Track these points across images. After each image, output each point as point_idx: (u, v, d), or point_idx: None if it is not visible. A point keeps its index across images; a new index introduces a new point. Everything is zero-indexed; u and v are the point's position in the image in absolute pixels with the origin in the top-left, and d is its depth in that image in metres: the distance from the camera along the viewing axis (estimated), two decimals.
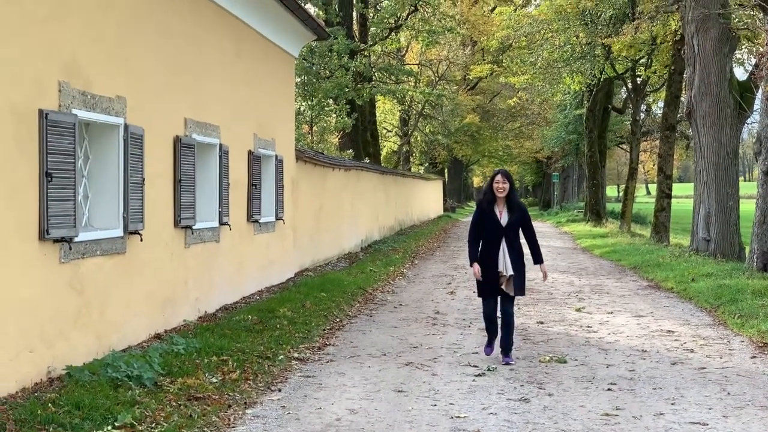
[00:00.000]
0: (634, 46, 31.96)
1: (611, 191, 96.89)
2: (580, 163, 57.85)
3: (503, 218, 9.89)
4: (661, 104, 39.10)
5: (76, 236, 8.50)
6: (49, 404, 6.97)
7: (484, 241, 9.96)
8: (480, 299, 10.32)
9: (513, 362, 9.73)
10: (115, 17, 9.50)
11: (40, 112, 7.91)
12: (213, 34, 12.76)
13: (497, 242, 9.82)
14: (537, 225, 48.06)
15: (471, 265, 10.06)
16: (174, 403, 7.53)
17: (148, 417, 7.04)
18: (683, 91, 29.30)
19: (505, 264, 9.79)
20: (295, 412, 7.65)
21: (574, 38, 35.70)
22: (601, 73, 38.15)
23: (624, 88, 43.93)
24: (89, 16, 8.90)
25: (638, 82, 38.81)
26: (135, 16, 10.02)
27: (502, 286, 9.88)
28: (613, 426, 7.27)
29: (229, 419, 7.36)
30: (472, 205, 79.91)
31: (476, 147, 66.41)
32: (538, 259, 10.20)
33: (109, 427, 6.61)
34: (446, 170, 75.10)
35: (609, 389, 8.59)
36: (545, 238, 35.27)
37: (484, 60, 51.55)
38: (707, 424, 7.31)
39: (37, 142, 7.88)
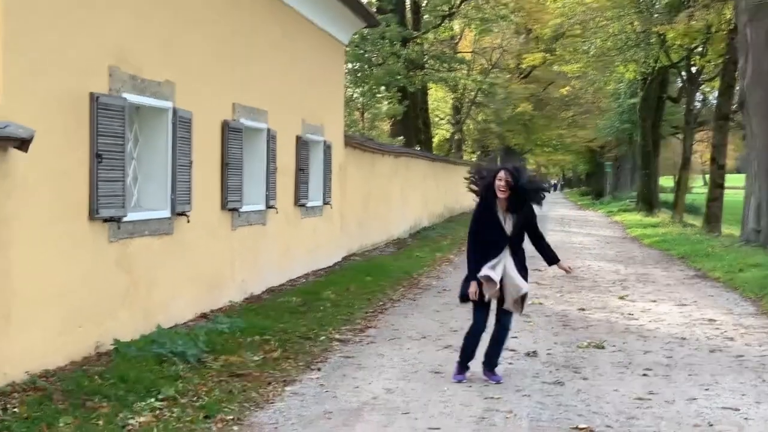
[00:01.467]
0: (689, 35, 31.73)
1: (667, 181, 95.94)
2: (634, 152, 57.45)
3: (507, 224, 8.08)
4: (716, 94, 38.75)
5: (125, 216, 8.76)
6: (96, 377, 7.25)
7: (483, 250, 8.15)
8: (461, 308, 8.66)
9: (502, 380, 8.23)
10: (165, 3, 9.74)
11: (91, 95, 8.17)
12: (262, 20, 12.97)
13: (498, 250, 8.06)
14: (588, 214, 48.35)
15: (467, 282, 8.19)
16: (216, 379, 7.78)
17: (191, 391, 7.29)
18: (737, 81, 29.02)
19: (500, 272, 8.06)
20: (332, 390, 7.84)
21: (629, 26, 35.49)
22: (655, 62, 37.87)
23: (679, 77, 43.56)
24: (139, 2, 9.14)
25: (693, 71, 38.44)
26: (184, 2, 10.26)
27: (506, 305, 8.21)
28: (645, 410, 7.36)
29: (269, 395, 7.56)
30: None
31: (529, 136, 66.22)
32: (552, 259, 8.54)
33: (152, 399, 6.87)
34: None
35: (644, 374, 8.66)
36: (595, 227, 35.21)
37: (537, 48, 51.32)
38: (739, 410, 7.37)
39: (88, 125, 8.14)
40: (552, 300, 13.61)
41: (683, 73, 39.42)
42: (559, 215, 46.05)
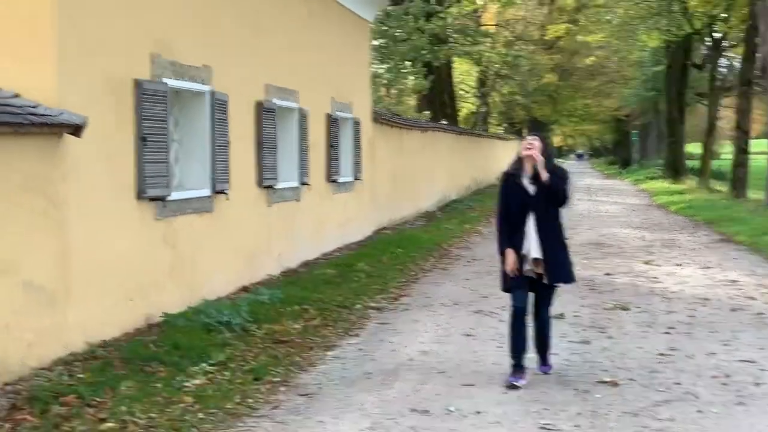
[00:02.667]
0: (711, 1, 31.80)
1: (694, 148, 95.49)
2: (659, 120, 57.41)
3: (531, 186, 7.29)
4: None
5: (169, 195, 9.24)
6: (151, 345, 7.77)
7: (511, 216, 7.39)
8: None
9: (551, 371, 7.62)
10: None
11: (135, 81, 8.64)
12: (290, 4, 13.38)
13: (523, 217, 7.29)
14: (615, 183, 48.51)
15: (501, 254, 7.38)
16: (261, 345, 8.30)
17: (239, 356, 7.81)
18: None
19: (528, 243, 7.25)
20: (371, 354, 8.32)
21: None
22: (678, 30, 37.93)
23: (703, 44, 43.55)
24: None
25: (716, 38, 38.46)
26: None
27: (536, 270, 7.31)
28: (666, 364, 7.79)
29: (311, 359, 8.06)
30: None
31: (555, 106, 66.19)
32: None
33: (205, 364, 7.38)
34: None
35: (667, 332, 9.09)
36: (621, 196, 35.45)
37: (561, 19, 51.33)
38: (755, 362, 7.80)
39: (132, 109, 8.62)
40: (579, 266, 13.75)
41: (707, 40, 39.41)
42: (585, 184, 46.25)
